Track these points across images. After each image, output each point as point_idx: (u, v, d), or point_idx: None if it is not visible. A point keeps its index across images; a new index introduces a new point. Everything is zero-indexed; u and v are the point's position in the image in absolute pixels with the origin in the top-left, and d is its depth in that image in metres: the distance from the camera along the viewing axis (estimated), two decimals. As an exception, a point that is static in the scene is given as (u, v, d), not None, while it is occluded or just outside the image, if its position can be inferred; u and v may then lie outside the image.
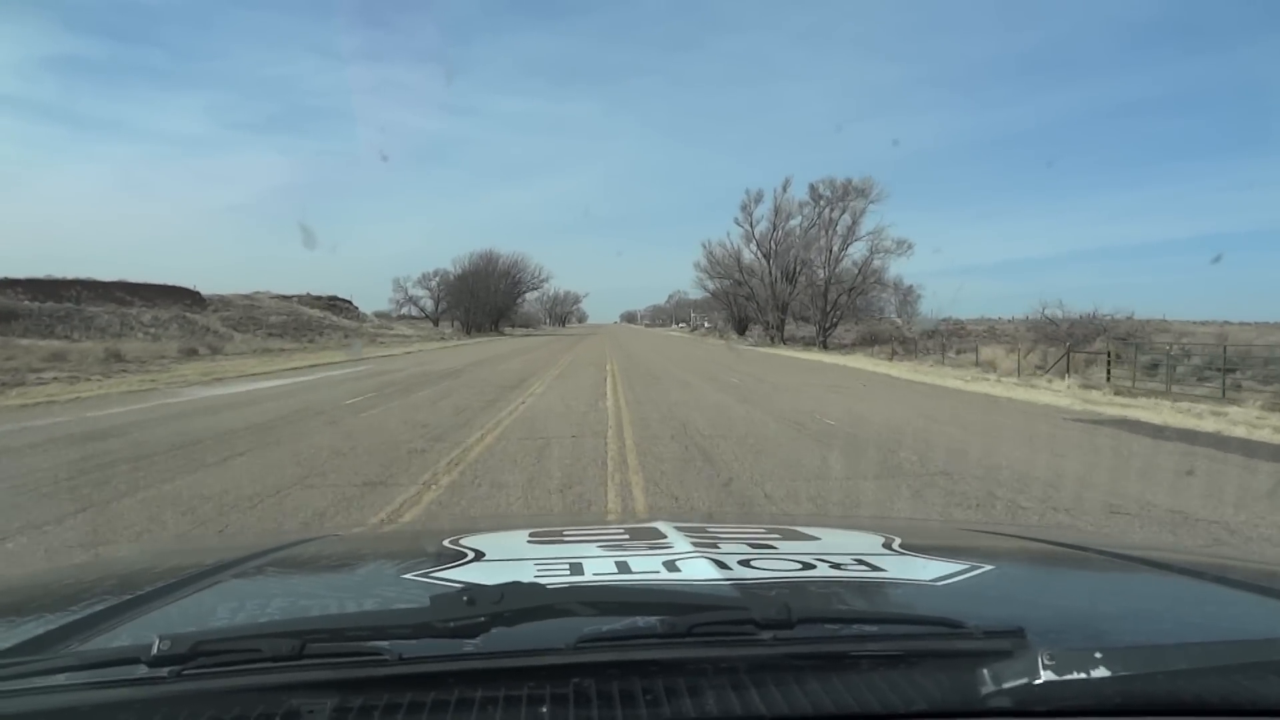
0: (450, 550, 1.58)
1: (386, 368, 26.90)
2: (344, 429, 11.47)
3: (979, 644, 0.98)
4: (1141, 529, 6.23)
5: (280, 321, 59.50)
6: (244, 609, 1.37)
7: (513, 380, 20.64)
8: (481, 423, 12.09)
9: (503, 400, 15.46)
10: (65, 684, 0.91)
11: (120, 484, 7.39)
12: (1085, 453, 10.17)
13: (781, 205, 62.55)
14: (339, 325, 68.51)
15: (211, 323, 52.09)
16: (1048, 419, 14.04)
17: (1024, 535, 2.58)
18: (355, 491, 7.14)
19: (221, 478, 7.71)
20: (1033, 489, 7.53)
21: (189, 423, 12.18)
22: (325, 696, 0.87)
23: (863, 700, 0.89)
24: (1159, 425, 13.27)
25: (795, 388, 20.04)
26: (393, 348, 49.62)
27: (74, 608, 1.27)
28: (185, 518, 6.16)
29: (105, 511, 6.34)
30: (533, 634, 0.97)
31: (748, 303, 69.18)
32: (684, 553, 1.47)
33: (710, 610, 1.03)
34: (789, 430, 11.60)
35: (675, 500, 6.91)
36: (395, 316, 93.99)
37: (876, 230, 59.59)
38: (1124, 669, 0.91)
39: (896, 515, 6.52)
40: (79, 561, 4.66)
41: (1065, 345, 31.39)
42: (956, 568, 1.45)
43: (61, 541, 5.53)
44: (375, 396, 16.36)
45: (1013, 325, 76.47)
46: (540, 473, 8.06)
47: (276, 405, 14.73)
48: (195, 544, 4.92)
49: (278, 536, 3.83)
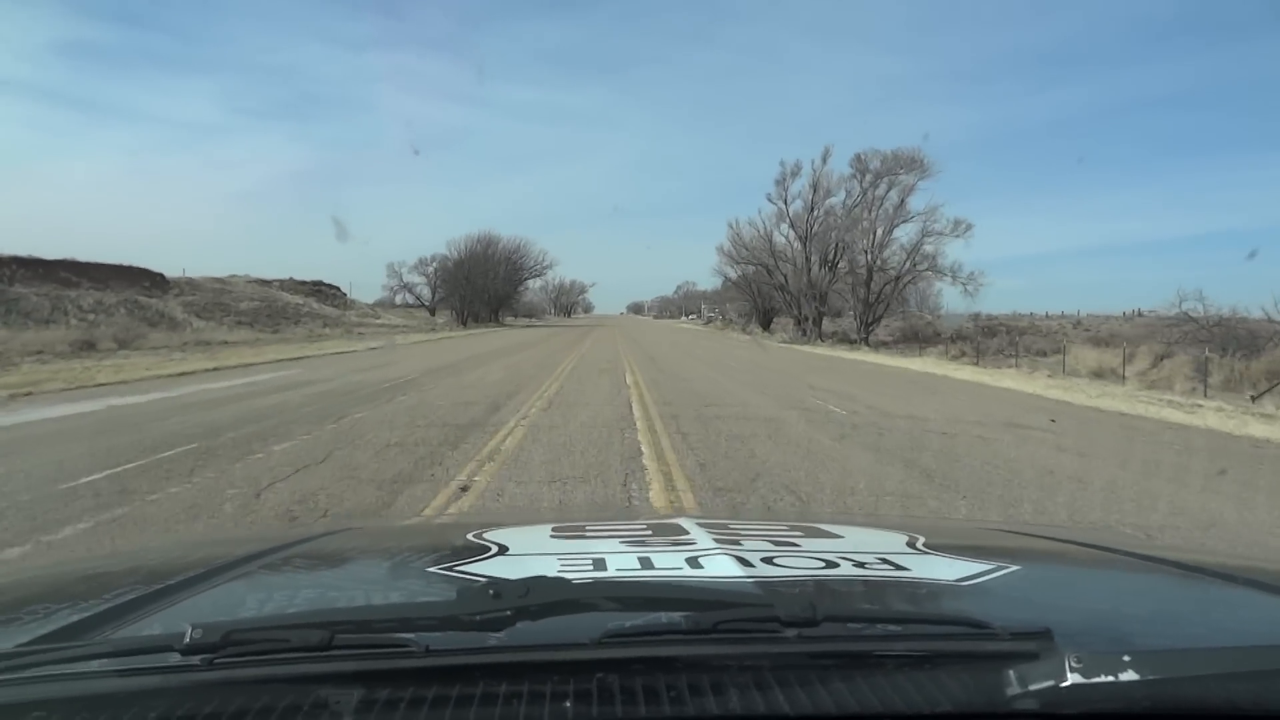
0: (474, 544, 1.58)
1: (311, 376, 19.15)
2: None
3: (1005, 645, 0.96)
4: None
5: (251, 308, 53.76)
6: (272, 600, 1.38)
7: (476, 410, 12.92)
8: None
9: (416, 480, 7.69)
10: (100, 670, 0.92)
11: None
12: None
13: (820, 180, 53.79)
14: (318, 313, 62.27)
15: (170, 308, 46.23)
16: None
17: (1050, 536, 2.49)
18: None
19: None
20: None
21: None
22: (352, 688, 0.87)
23: (887, 700, 0.87)
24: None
25: (950, 427, 12.29)
26: (365, 341, 42.57)
27: (107, 596, 1.29)
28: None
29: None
30: (557, 628, 0.96)
31: (777, 293, 60.43)
32: (707, 549, 1.47)
33: (734, 607, 1.02)
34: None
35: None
36: (390, 305, 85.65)
37: (929, 209, 50.69)
38: (1153, 672, 0.89)
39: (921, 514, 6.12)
40: (109, 552, 4.64)
41: (1206, 348, 23.47)
42: (982, 568, 1.44)
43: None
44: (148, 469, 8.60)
45: (1056, 322, 68.71)
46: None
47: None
48: (224, 535, 4.96)
49: (305, 528, 3.78)
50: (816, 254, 53.98)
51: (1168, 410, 15.69)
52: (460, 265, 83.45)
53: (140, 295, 44.63)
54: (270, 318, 52.20)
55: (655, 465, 8.16)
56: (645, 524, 2.00)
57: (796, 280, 54.99)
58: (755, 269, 62.51)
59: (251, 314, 51.31)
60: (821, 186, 53.51)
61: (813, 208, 54.28)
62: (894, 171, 50.44)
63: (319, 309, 62.56)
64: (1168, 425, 13.70)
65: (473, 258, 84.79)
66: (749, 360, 29.99)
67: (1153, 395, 18.85)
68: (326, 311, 63.59)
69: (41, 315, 36.49)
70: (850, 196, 52.71)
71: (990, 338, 48.21)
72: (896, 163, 50.30)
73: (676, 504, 6.54)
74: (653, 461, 8.43)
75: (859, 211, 51.47)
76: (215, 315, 47.84)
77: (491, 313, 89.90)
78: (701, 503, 6.65)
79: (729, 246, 63.90)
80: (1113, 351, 30.41)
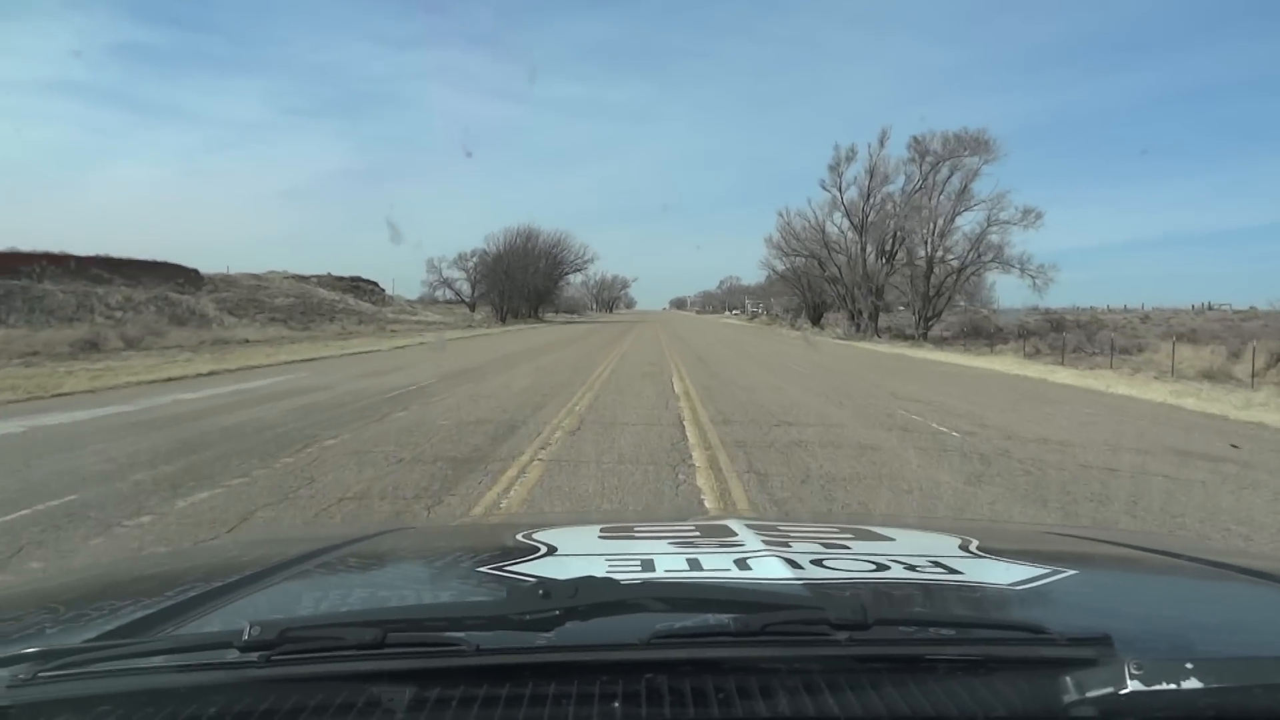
0: (524, 544, 1.59)
1: (313, 381, 16.84)
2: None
3: (1062, 651, 0.94)
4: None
5: (287, 304, 52.59)
6: (327, 598, 1.40)
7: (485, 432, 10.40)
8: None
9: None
10: (162, 665, 0.95)
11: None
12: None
13: (877, 165, 49.66)
14: (354, 309, 60.78)
15: (202, 305, 44.92)
16: None
17: (1109, 539, 2.31)
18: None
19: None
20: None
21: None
22: (404, 686, 0.88)
23: (940, 706, 0.86)
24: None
25: (1109, 458, 9.16)
26: (398, 338, 40.27)
27: (168, 594, 1.32)
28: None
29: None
30: (606, 629, 0.96)
31: (829, 286, 56.79)
32: (755, 551, 1.45)
33: (784, 610, 1.00)
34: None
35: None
36: (431, 302, 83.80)
37: (995, 196, 46.41)
38: (1217, 681, 0.86)
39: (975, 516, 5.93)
40: (167, 550, 4.69)
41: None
42: (1037, 571, 1.41)
43: None
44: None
45: (1122, 316, 64.07)
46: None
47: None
48: (281, 535, 4.82)
49: (359, 528, 3.53)
50: (873, 244, 50.16)
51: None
52: (499, 260, 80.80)
53: (172, 292, 43.61)
54: (304, 314, 51.07)
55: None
56: (694, 525, 1.96)
57: (851, 272, 51.22)
58: (805, 261, 59.06)
59: (286, 310, 50.10)
60: (879, 172, 49.40)
61: (869, 194, 50.11)
62: (956, 154, 46.32)
63: (355, 305, 61.30)
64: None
65: (511, 252, 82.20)
66: (809, 360, 26.61)
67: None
68: (363, 308, 62.19)
69: (66, 313, 35.27)
70: (910, 182, 48.57)
71: (1058, 333, 44.36)
72: (959, 145, 46.16)
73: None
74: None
75: (919, 198, 47.42)
76: (249, 312, 46.63)
77: (531, 308, 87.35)
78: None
79: (778, 238, 60.26)
80: (1211, 349, 26.79)
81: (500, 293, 78.74)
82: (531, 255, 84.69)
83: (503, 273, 78.89)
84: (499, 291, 78.81)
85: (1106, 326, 48.02)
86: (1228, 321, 52.63)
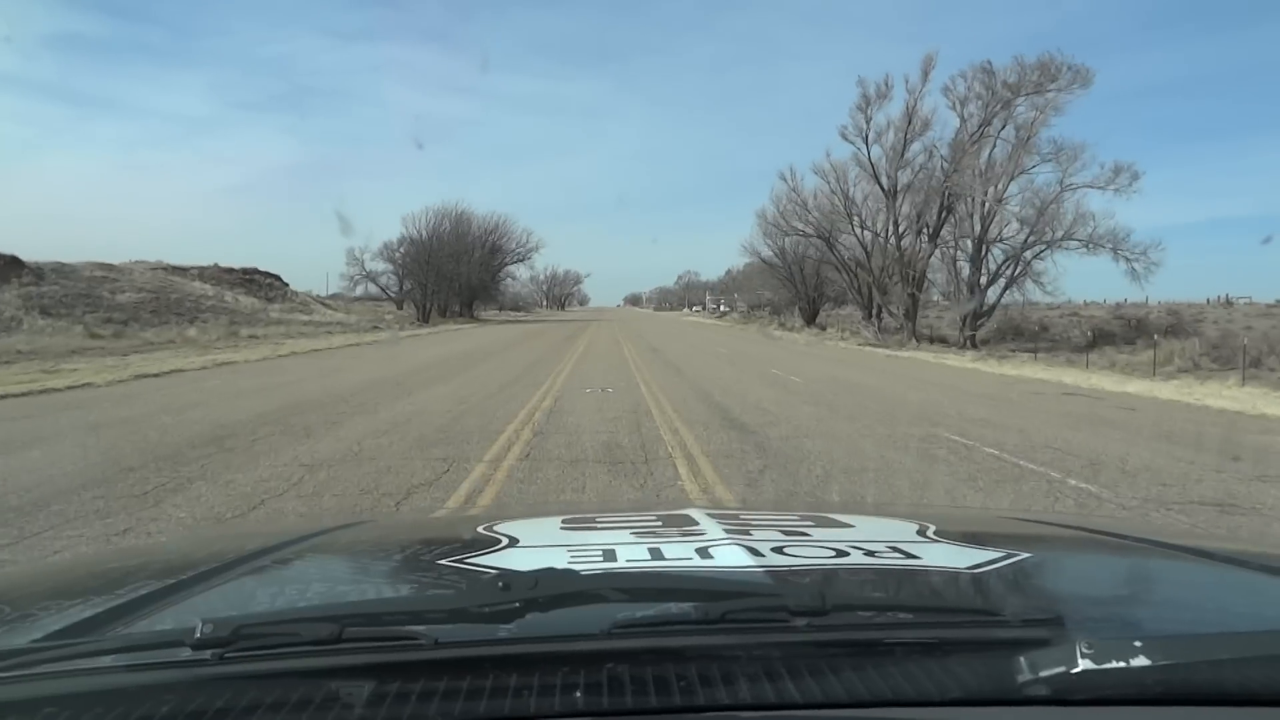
0: (485, 536, 1.65)
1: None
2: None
3: (1016, 632, 0.99)
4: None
5: (134, 301, 43.08)
6: (283, 594, 1.44)
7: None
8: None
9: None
10: (111, 666, 0.96)
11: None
12: None
13: (916, 108, 38.34)
14: (230, 308, 50.35)
15: (5, 300, 35.64)
16: None
17: (1062, 523, 2.56)
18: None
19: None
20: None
21: None
22: (363, 680, 0.90)
23: (897, 688, 0.91)
24: None
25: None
26: (237, 351, 29.14)
27: (118, 592, 1.35)
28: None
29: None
30: (567, 620, 1.00)
31: (841, 275, 44.78)
32: (717, 539, 1.51)
33: (743, 597, 1.06)
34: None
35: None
36: (351, 298, 70.57)
37: (1072, 149, 34.57)
38: (1165, 658, 0.92)
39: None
40: (121, 547, 4.82)
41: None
42: (992, 555, 1.49)
43: None
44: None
45: (1187, 312, 53.16)
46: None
47: None
48: (234, 530, 5.12)
49: (315, 523, 3.75)
50: (908, 214, 37.69)
51: None
52: (421, 245, 67.74)
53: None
54: (156, 314, 42.64)
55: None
56: (656, 515, 1.95)
57: (882, 255, 38.59)
58: (802, 243, 46.37)
59: (130, 309, 41.71)
60: (917, 119, 37.70)
61: (905, 144, 38.35)
62: (1018, 93, 34.01)
63: (233, 303, 51.87)
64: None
65: (438, 238, 68.92)
66: (887, 391, 17.11)
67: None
68: (243, 305, 52.51)
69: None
70: (964, 129, 36.21)
71: (1141, 336, 32.72)
72: (1020, 80, 34.02)
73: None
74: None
75: (974, 152, 35.19)
76: (74, 311, 37.92)
77: (464, 305, 73.74)
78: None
79: (773, 213, 48.69)
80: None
81: (423, 286, 65.64)
82: (464, 242, 71.25)
83: (425, 262, 65.26)
84: (421, 285, 65.53)
85: (1190, 325, 36.75)
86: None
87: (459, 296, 77.61)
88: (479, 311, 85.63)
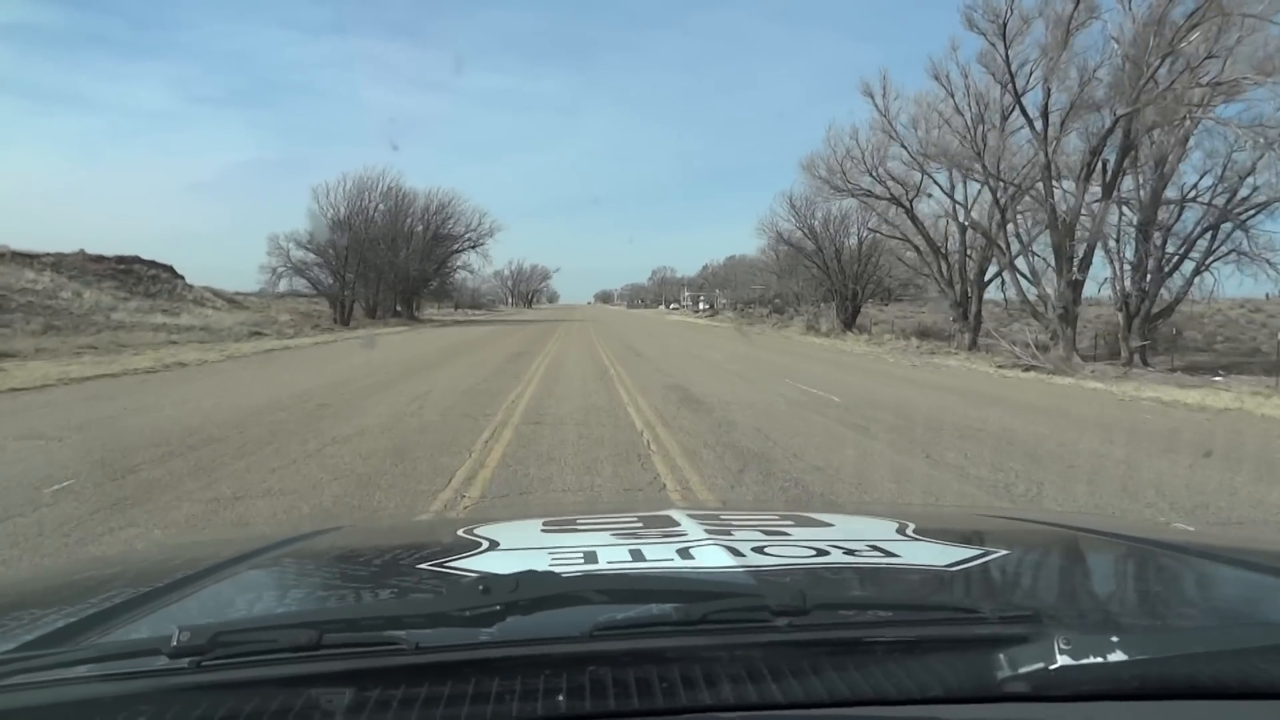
0: (465, 540, 1.65)
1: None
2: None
3: (994, 629, 1.01)
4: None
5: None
6: (261, 600, 1.45)
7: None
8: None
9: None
10: (86, 675, 0.95)
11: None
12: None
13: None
14: (57, 307, 34.97)
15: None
16: None
17: (1040, 520, 2.55)
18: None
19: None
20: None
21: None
22: (343, 687, 0.90)
23: (878, 687, 0.92)
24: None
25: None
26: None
27: (93, 601, 1.33)
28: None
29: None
30: (548, 623, 1.00)
31: (932, 260, 31.60)
32: (698, 540, 1.52)
33: (724, 598, 1.07)
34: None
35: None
36: (274, 295, 56.46)
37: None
38: (1140, 652, 0.94)
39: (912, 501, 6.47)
40: (97, 555, 4.75)
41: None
42: (971, 553, 1.52)
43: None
44: None
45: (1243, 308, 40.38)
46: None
47: None
48: (212, 537, 5.05)
49: (294, 528, 3.82)
50: (988, 170, 24.10)
51: None
52: (344, 226, 54.03)
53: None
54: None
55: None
56: (636, 517, 1.94)
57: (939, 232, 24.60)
58: (839, 220, 33.36)
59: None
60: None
61: (1066, 39, 22.60)
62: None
63: (71, 300, 36.19)
64: None
65: (362, 218, 55.15)
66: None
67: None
68: (85, 302, 37.27)
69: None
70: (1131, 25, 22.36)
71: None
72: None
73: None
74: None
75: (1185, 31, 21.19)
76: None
77: (402, 302, 59.52)
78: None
79: (824, 171, 33.99)
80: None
81: (340, 278, 50.96)
82: (400, 225, 56.78)
83: (350, 248, 50.91)
84: (339, 277, 51.25)
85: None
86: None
87: (394, 291, 62.76)
88: (421, 310, 71.01)
